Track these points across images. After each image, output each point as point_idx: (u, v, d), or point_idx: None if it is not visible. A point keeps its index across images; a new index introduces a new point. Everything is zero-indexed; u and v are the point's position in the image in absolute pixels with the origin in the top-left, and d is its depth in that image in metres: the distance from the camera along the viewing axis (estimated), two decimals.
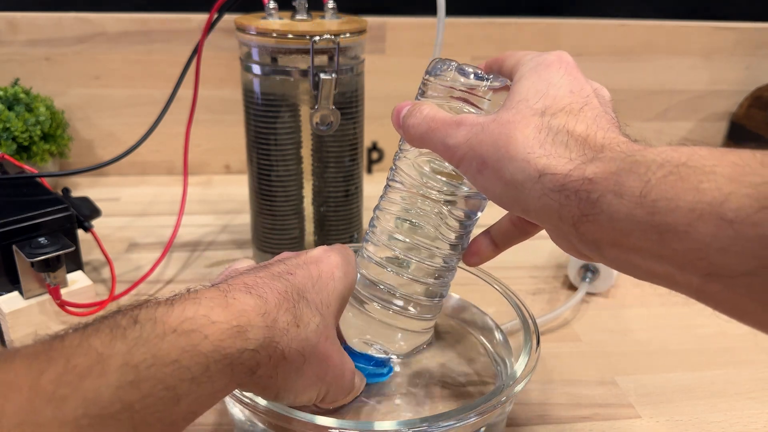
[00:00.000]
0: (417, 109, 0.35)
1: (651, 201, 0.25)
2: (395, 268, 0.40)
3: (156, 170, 0.86)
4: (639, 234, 0.26)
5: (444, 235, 0.39)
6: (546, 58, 0.34)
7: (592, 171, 0.27)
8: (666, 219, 0.25)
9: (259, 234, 0.60)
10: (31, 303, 0.48)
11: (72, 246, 0.48)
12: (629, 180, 0.26)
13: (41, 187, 0.54)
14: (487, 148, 0.31)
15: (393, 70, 0.83)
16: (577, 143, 0.29)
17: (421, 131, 0.35)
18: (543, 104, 0.31)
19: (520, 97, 0.32)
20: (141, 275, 0.59)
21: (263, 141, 0.55)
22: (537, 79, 0.32)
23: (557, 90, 0.32)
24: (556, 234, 0.31)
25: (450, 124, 0.33)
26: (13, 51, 0.78)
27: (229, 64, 0.78)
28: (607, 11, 0.87)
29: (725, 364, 0.51)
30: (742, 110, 0.92)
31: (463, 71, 0.37)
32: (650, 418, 0.45)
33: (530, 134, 0.30)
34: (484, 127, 0.32)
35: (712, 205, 0.23)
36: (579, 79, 0.33)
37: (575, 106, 0.31)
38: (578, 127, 0.30)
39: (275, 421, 0.34)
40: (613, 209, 0.26)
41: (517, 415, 0.45)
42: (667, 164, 0.25)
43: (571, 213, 0.28)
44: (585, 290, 0.58)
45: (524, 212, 0.31)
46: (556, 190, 0.28)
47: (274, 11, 0.53)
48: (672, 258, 0.25)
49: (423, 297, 0.40)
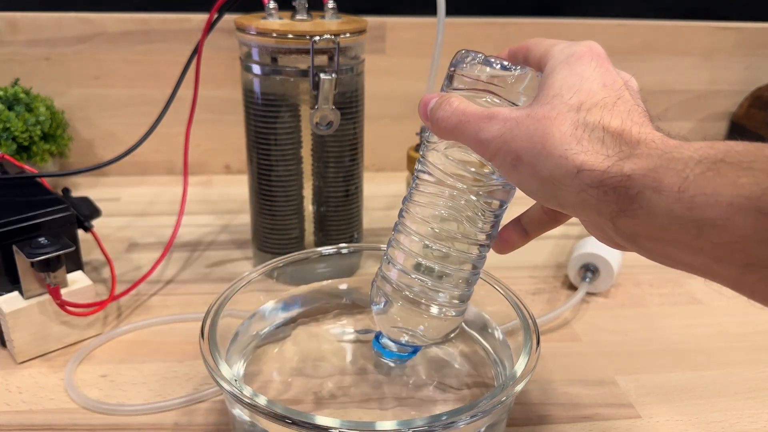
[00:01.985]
0: (446, 101, 0.35)
1: (689, 196, 0.25)
2: (428, 259, 0.40)
3: (156, 170, 0.86)
4: (677, 228, 0.26)
5: (476, 224, 0.39)
6: (577, 50, 0.33)
7: (630, 167, 0.28)
8: (704, 213, 0.25)
9: (259, 234, 0.60)
10: (31, 303, 0.48)
11: (72, 246, 0.48)
12: (667, 176, 0.26)
13: (41, 187, 0.54)
14: (522, 143, 0.31)
15: (393, 70, 0.83)
16: (614, 139, 0.29)
17: (452, 124, 0.34)
18: (578, 99, 0.31)
19: (554, 92, 0.32)
20: (141, 275, 0.59)
21: (263, 141, 0.55)
22: (569, 72, 0.32)
23: (590, 84, 0.31)
24: (592, 226, 0.32)
25: (482, 117, 0.33)
26: (13, 51, 0.78)
27: (229, 64, 0.78)
28: (607, 11, 0.87)
29: (725, 364, 0.51)
30: (742, 110, 0.92)
31: (489, 62, 0.36)
32: (650, 418, 0.45)
33: (567, 130, 0.30)
34: (519, 122, 0.31)
35: (750, 199, 0.24)
36: (610, 71, 0.33)
37: (609, 100, 0.31)
38: (613, 122, 0.30)
39: (275, 421, 0.34)
40: (651, 205, 0.27)
41: (517, 415, 0.45)
42: (705, 161, 0.26)
43: (609, 208, 0.29)
44: (585, 290, 0.58)
45: (561, 207, 0.31)
46: (594, 186, 0.29)
47: (274, 11, 0.53)
48: (710, 251, 0.26)
49: (454, 286, 0.40)
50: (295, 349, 0.48)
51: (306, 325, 0.50)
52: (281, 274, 0.51)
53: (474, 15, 0.84)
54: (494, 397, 0.35)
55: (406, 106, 0.85)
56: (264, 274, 0.48)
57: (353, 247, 0.55)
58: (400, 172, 0.84)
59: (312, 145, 0.57)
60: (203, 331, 0.40)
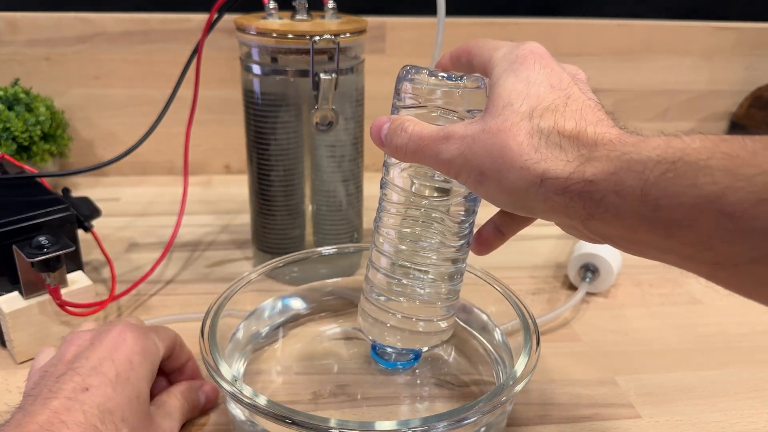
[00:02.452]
0: (400, 127, 0.35)
1: (653, 199, 0.26)
2: (403, 276, 0.40)
3: (156, 170, 0.86)
4: (646, 229, 0.27)
5: (446, 237, 0.39)
6: (519, 54, 0.33)
7: (591, 172, 0.28)
8: (670, 215, 0.25)
9: (259, 234, 0.60)
10: (31, 303, 0.48)
11: (72, 246, 0.48)
12: (628, 179, 0.27)
13: (41, 187, 0.54)
14: (483, 159, 0.31)
15: (393, 70, 0.82)
16: (570, 142, 0.29)
17: (411, 150, 0.34)
18: (528, 106, 0.31)
19: (503, 102, 0.32)
20: (141, 275, 0.59)
21: (263, 141, 0.55)
22: (515, 79, 0.32)
23: (538, 88, 0.31)
24: (566, 228, 0.32)
25: (439, 139, 0.33)
26: (13, 51, 0.78)
27: (229, 64, 0.78)
28: (607, 11, 0.87)
29: (725, 364, 0.51)
30: (742, 110, 0.92)
31: (434, 75, 0.36)
32: (650, 418, 0.45)
33: (523, 140, 0.30)
34: (476, 139, 0.31)
35: (710, 200, 0.24)
36: (556, 70, 0.32)
37: (559, 102, 0.31)
38: (567, 125, 0.30)
39: (275, 421, 0.34)
40: (617, 208, 0.27)
41: (517, 415, 0.45)
42: (664, 161, 0.26)
43: (578, 213, 0.29)
44: (585, 290, 0.58)
45: (531, 214, 0.32)
46: (559, 194, 0.29)
47: (274, 11, 0.53)
48: (680, 250, 0.26)
49: (436, 299, 0.40)
50: (295, 349, 0.48)
51: (306, 324, 0.51)
52: (281, 274, 0.51)
53: (474, 15, 0.84)
54: (494, 397, 0.35)
55: None
56: (264, 274, 0.48)
57: (353, 247, 0.55)
58: None
59: (312, 146, 0.57)
60: (203, 330, 0.40)
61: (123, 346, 0.37)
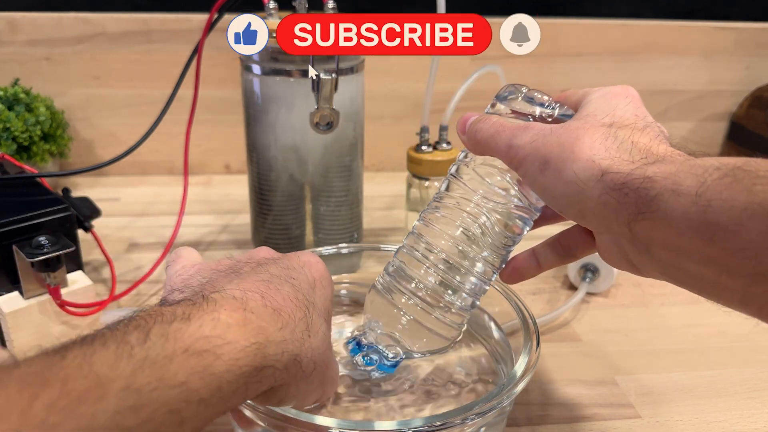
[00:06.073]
0: (487, 117, 0.38)
1: (706, 200, 0.27)
2: (439, 275, 0.40)
3: (156, 170, 0.86)
4: (691, 233, 0.27)
5: (492, 247, 0.39)
6: (612, 89, 0.36)
7: (652, 170, 0.29)
8: (719, 217, 0.26)
9: (259, 234, 0.60)
10: (31, 303, 0.48)
11: (72, 246, 0.48)
12: (687, 179, 0.28)
13: (41, 187, 0.54)
14: (552, 148, 0.33)
15: (393, 70, 0.83)
16: (640, 151, 0.31)
17: (488, 134, 0.36)
18: (610, 119, 0.33)
19: (588, 112, 0.34)
20: (141, 275, 0.59)
21: (263, 141, 0.55)
22: (604, 102, 0.35)
23: (623, 112, 0.34)
24: (607, 238, 0.33)
25: (518, 127, 0.36)
26: (13, 51, 0.78)
27: (229, 64, 0.78)
28: (607, 11, 0.87)
29: (725, 364, 0.51)
30: (742, 110, 0.92)
31: (531, 99, 0.38)
32: (650, 418, 0.45)
33: (597, 139, 0.32)
34: (552, 131, 0.34)
35: (762, 206, 0.25)
36: (642, 108, 0.35)
37: (639, 125, 0.33)
38: (642, 140, 0.32)
39: (275, 421, 0.34)
40: (669, 206, 0.28)
41: (517, 415, 0.45)
42: (723, 167, 0.27)
43: (627, 210, 0.30)
44: (585, 290, 0.58)
45: (580, 212, 0.33)
46: (616, 189, 0.30)
47: (274, 11, 0.53)
48: (720, 259, 0.27)
49: (458, 303, 0.41)
50: None
51: None
52: None
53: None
54: (494, 397, 0.35)
55: (406, 106, 0.85)
56: None
57: (353, 247, 0.55)
58: (400, 172, 0.84)
59: (312, 146, 0.57)
60: None
61: (317, 265, 0.36)
